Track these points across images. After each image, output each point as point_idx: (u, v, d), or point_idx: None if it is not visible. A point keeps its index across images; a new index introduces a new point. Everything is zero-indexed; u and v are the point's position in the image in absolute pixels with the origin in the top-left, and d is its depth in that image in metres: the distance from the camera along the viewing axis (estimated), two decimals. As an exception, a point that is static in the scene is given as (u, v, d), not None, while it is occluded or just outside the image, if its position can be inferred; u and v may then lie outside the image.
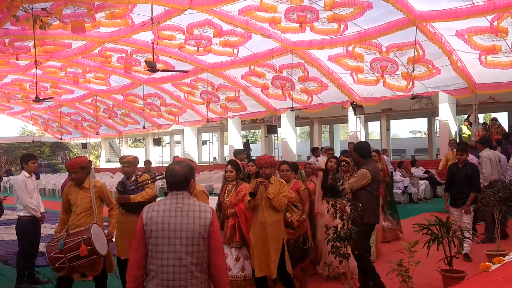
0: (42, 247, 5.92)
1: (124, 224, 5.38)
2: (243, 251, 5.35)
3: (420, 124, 34.38)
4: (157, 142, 24.51)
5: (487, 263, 4.77)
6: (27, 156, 6.35)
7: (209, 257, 2.92)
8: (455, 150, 10.73)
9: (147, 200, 5.34)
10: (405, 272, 4.63)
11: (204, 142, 30.88)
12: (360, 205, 4.54)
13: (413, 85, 12.41)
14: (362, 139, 17.23)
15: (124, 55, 14.84)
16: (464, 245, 6.47)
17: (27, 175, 6.19)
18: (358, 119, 16.56)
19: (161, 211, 2.88)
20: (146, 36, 12.83)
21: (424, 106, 18.70)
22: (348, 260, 4.37)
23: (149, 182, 5.47)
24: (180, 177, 2.95)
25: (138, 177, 5.63)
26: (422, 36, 10.95)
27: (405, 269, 4.64)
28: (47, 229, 9.70)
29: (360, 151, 5.60)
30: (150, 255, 2.87)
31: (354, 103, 15.06)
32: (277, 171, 5.90)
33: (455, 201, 6.87)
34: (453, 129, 15.22)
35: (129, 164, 5.68)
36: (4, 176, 18.55)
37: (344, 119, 20.06)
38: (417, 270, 4.67)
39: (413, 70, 11.86)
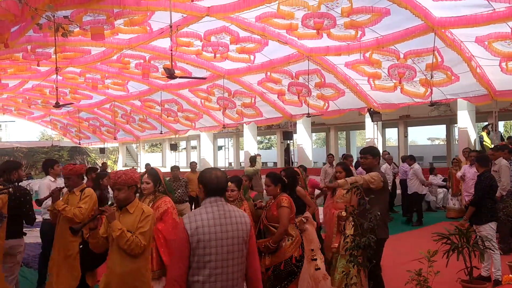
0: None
1: None
2: (163, 283, 4.40)
3: (438, 131, 34.05)
4: (174, 147, 24.67)
5: (510, 275, 4.68)
6: (51, 161, 6.48)
7: (247, 261, 2.93)
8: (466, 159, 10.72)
9: None
10: (424, 282, 4.56)
11: (220, 148, 31.00)
12: (379, 213, 4.48)
13: (431, 92, 12.29)
14: (379, 146, 17.11)
15: (142, 61, 15.01)
16: (484, 264, 6.01)
17: (53, 179, 6.28)
18: (375, 125, 16.44)
19: (206, 220, 2.80)
20: (164, 43, 12.96)
21: (443, 113, 18.47)
22: (367, 269, 4.32)
23: None
24: (225, 183, 2.97)
25: None
26: (440, 43, 10.84)
27: (424, 279, 4.57)
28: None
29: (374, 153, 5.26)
30: (196, 266, 2.76)
31: (371, 110, 14.96)
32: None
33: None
34: (472, 136, 15.00)
35: None
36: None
37: (361, 126, 19.91)
38: (436, 280, 4.60)
39: (432, 77, 11.75)
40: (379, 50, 11.95)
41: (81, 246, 4.78)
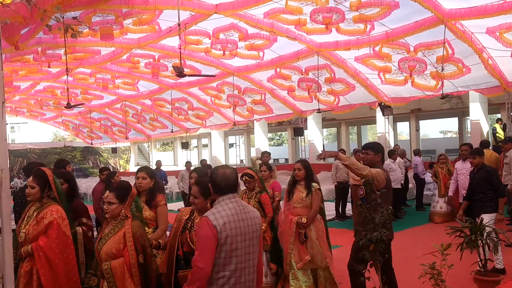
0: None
1: None
2: None
3: (450, 124, 33.69)
4: (185, 145, 24.77)
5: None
6: (63, 161, 6.51)
7: None
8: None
9: None
10: (438, 275, 4.52)
11: (231, 145, 31.03)
12: (391, 207, 4.43)
13: (442, 85, 12.19)
14: (391, 140, 17.02)
15: (151, 60, 15.07)
16: (497, 256, 5.87)
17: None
18: (386, 119, 16.34)
19: (230, 215, 2.82)
20: (173, 41, 13.01)
21: (454, 106, 18.29)
22: (380, 263, 4.29)
23: None
24: (236, 179, 2.98)
25: None
26: (451, 35, 10.74)
27: (437, 272, 4.53)
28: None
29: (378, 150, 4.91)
30: (223, 262, 2.78)
31: (382, 104, 14.87)
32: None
33: (471, 209, 6.24)
34: (485, 128, 14.84)
35: None
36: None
37: (372, 120, 19.81)
38: (450, 273, 4.56)
39: (442, 69, 11.64)
40: (389, 44, 11.88)
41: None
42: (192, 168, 12.83)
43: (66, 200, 4.04)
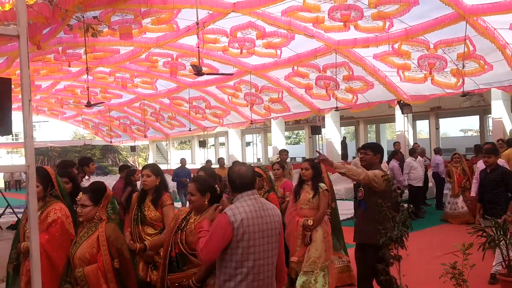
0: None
1: None
2: None
3: (471, 122, 33.09)
4: (203, 144, 24.87)
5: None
6: (87, 159, 6.62)
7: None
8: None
9: None
10: (460, 275, 4.45)
11: (248, 144, 31.08)
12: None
13: (463, 82, 12.00)
14: (410, 138, 16.84)
15: (170, 59, 15.17)
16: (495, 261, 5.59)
17: (87, 177, 6.44)
18: (405, 118, 16.16)
19: (248, 212, 2.82)
20: (190, 40, 13.06)
21: (476, 104, 18.02)
22: (399, 262, 4.24)
23: None
24: (252, 177, 2.98)
25: None
26: (472, 31, 10.54)
27: (459, 272, 4.46)
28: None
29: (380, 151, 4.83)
30: (240, 259, 2.78)
31: (401, 102, 14.71)
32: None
33: (485, 211, 6.05)
34: (508, 127, 14.57)
35: None
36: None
37: (391, 118, 19.63)
38: (472, 273, 4.49)
39: (463, 67, 11.47)
40: (408, 41, 11.73)
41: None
42: (217, 167, 12.51)
43: (69, 198, 3.98)
